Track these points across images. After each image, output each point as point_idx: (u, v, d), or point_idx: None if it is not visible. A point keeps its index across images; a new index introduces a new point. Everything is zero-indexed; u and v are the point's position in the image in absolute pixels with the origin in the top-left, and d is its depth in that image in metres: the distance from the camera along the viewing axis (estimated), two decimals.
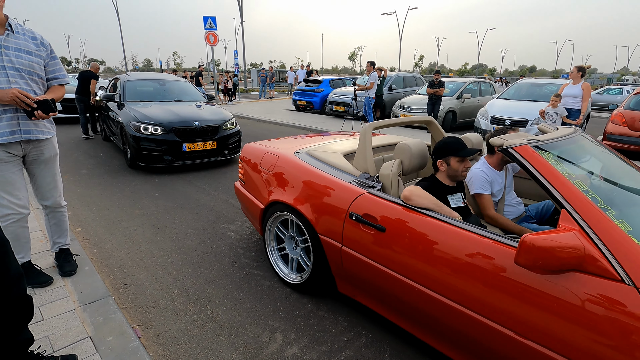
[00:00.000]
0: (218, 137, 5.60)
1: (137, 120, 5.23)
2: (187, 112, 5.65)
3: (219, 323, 2.23)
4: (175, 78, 7.17)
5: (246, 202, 2.93)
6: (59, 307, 2.18)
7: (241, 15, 21.25)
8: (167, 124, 5.23)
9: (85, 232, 3.41)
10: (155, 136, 5.12)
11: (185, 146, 5.27)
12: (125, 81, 6.45)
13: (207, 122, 5.52)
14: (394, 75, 12.56)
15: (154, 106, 5.79)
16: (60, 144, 7.23)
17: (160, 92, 6.60)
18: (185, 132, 5.30)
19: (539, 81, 9.27)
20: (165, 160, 5.22)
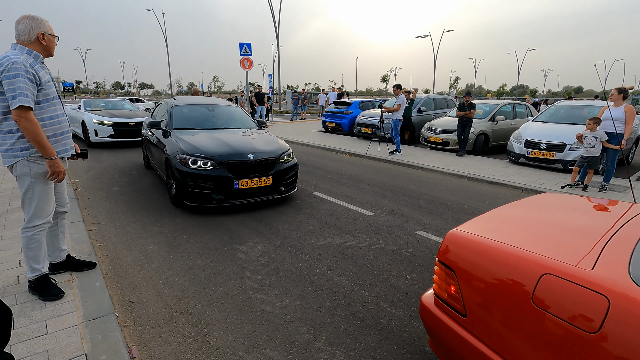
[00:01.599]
0: (274, 171, 4.78)
1: (185, 152, 4.55)
2: (240, 142, 4.93)
3: (213, 348, 2.20)
4: (225, 102, 6.61)
5: (462, 350, 1.60)
6: (64, 321, 2.26)
7: (277, 40, 22.23)
8: (218, 156, 4.49)
9: (105, 247, 3.56)
10: (204, 171, 4.40)
11: (238, 183, 4.48)
12: (173, 107, 5.86)
13: (262, 155, 4.73)
14: (423, 97, 12.40)
15: (202, 135, 5.13)
16: (101, 161, 7.76)
17: (209, 118, 5.98)
18: (238, 167, 4.54)
19: (579, 103, 8.74)
20: (214, 200, 4.48)
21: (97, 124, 9.57)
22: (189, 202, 4.52)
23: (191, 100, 6.39)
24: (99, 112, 10.18)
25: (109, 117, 9.77)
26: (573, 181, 6.11)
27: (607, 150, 5.88)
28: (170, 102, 6.03)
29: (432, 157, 8.95)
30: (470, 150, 9.55)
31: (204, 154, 4.52)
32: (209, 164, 4.45)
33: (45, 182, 2.44)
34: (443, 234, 4.13)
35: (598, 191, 5.88)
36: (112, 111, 10.50)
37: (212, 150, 4.59)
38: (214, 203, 4.51)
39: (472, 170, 7.43)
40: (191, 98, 6.66)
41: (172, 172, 4.72)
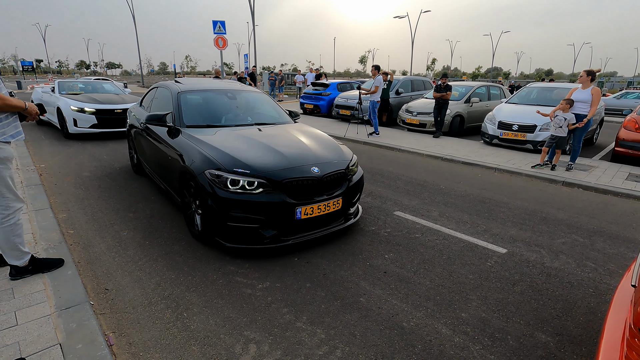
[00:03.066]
0: (344, 189, 3.34)
1: (218, 165, 3.03)
2: (293, 148, 3.43)
3: (193, 332, 2.19)
4: (244, 87, 5.04)
5: None
6: (35, 312, 2.18)
7: (253, 19, 21.46)
8: (270, 172, 3.02)
9: (76, 235, 3.43)
10: (251, 196, 2.92)
11: (301, 211, 3.04)
12: (180, 93, 4.18)
13: (329, 167, 3.30)
14: (401, 79, 12.43)
15: (231, 135, 3.62)
16: (69, 145, 7.38)
17: (231, 109, 4.42)
18: (300, 187, 3.07)
19: (549, 85, 9.02)
20: (265, 238, 3.04)
21: (76, 111, 7.83)
22: (228, 241, 3.06)
23: (201, 84, 4.72)
24: (78, 97, 8.37)
25: (90, 103, 8.03)
26: (542, 161, 6.36)
27: (575, 131, 6.13)
28: (174, 87, 4.38)
29: (409, 138, 9.06)
30: (447, 131, 9.73)
31: (250, 169, 3.00)
32: (256, 183, 2.94)
33: (9, 167, 2.34)
34: (420, 214, 4.23)
35: (565, 170, 6.16)
36: (93, 95, 8.75)
37: (260, 163, 3.08)
38: (265, 243, 3.04)
39: (448, 151, 7.59)
40: (200, 81, 5.02)
41: (197, 195, 3.17)
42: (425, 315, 2.42)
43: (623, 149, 6.85)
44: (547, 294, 2.72)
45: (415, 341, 2.17)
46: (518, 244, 3.53)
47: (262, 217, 2.96)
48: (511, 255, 3.30)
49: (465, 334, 2.24)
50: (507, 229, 3.89)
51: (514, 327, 2.32)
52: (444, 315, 2.42)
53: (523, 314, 2.46)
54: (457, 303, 2.56)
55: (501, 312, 2.48)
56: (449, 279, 2.87)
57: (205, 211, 3.08)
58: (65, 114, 7.88)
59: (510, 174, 6.21)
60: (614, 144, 7.31)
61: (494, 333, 2.27)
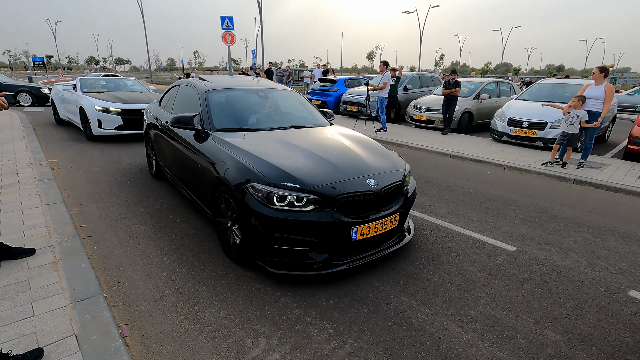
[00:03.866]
0: (401, 204, 2.97)
1: (261, 177, 2.63)
2: (342, 157, 3.02)
3: (204, 325, 2.22)
4: (276, 85, 4.58)
5: None
6: (51, 303, 2.23)
7: (260, 14, 21.44)
8: (322, 186, 2.60)
9: (88, 229, 3.49)
10: (300, 214, 2.52)
11: (357, 231, 2.65)
12: (208, 92, 3.78)
13: (385, 178, 2.89)
14: (409, 75, 12.34)
15: (270, 141, 3.23)
16: (79, 141, 7.48)
17: (263, 109, 4.03)
18: (357, 203, 2.67)
19: (561, 81, 8.88)
20: (315, 263, 2.63)
21: (101, 111, 7.16)
22: (272, 266, 2.65)
23: (228, 81, 4.27)
24: (102, 96, 7.66)
25: (115, 103, 7.34)
26: (553, 158, 6.28)
27: (586, 128, 6.03)
28: (200, 86, 3.91)
29: (417, 135, 9.01)
30: (455, 128, 9.65)
31: (300, 182, 2.58)
32: (305, 199, 2.53)
33: None
34: (428, 211, 4.22)
35: (576, 168, 6.08)
36: (118, 94, 8.03)
37: (310, 175, 2.66)
38: (316, 268, 2.63)
39: (456, 148, 7.54)
40: (225, 78, 4.52)
41: (235, 211, 2.78)
42: (433, 311, 2.42)
43: (636, 147, 6.73)
44: (557, 292, 2.70)
45: (424, 337, 2.18)
46: (527, 242, 3.50)
47: (313, 238, 2.55)
48: (520, 253, 3.28)
49: (474, 331, 2.25)
50: (517, 226, 3.87)
51: (523, 325, 2.32)
52: (452, 312, 2.42)
53: (532, 312, 2.45)
54: (465, 300, 2.56)
55: (510, 309, 2.47)
56: (457, 276, 2.86)
57: (246, 231, 2.66)
58: (89, 114, 7.19)
59: (519, 172, 6.15)
60: (626, 142, 7.19)
61: (503, 331, 2.26)
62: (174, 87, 4.67)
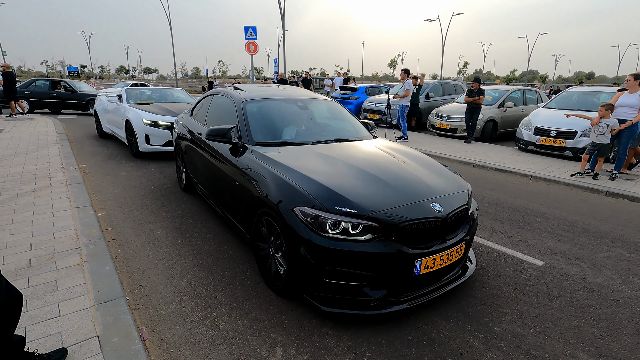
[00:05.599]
0: (467, 231, 2.59)
1: (310, 200, 2.31)
2: (397, 175, 2.68)
3: (222, 332, 2.23)
4: (314, 95, 4.32)
5: None
6: (76, 304, 2.30)
7: (283, 24, 21.85)
8: (384, 212, 2.27)
9: (113, 232, 3.60)
10: (359, 244, 2.18)
11: (422, 264, 2.30)
12: (245, 103, 3.53)
13: (452, 202, 2.53)
14: (431, 83, 12.20)
15: (313, 157, 2.92)
16: (108, 146, 7.78)
17: (304, 121, 3.74)
18: (420, 231, 2.32)
19: (591, 89, 8.54)
20: (372, 301, 2.27)
21: (149, 125, 6.42)
22: (323, 303, 2.29)
23: (264, 91, 4.00)
24: (149, 108, 6.97)
25: (164, 116, 6.55)
26: (583, 169, 6.02)
27: (620, 137, 5.76)
28: (236, 95, 3.70)
29: (439, 143, 8.86)
30: (478, 137, 9.44)
31: (356, 207, 2.24)
32: (361, 227, 2.20)
33: None
34: None
35: (608, 179, 5.79)
36: (165, 105, 7.25)
37: (367, 199, 2.32)
38: (372, 307, 2.26)
39: (479, 157, 7.35)
40: (260, 88, 4.24)
41: (279, 237, 2.49)
42: (455, 327, 2.34)
43: None
44: (589, 311, 2.55)
45: (445, 353, 2.10)
46: (556, 257, 3.34)
47: (371, 273, 2.20)
48: (549, 268, 3.13)
49: (498, 349, 2.15)
50: (544, 240, 3.70)
51: (552, 345, 2.20)
52: (475, 328, 2.32)
53: (562, 332, 2.32)
54: (489, 316, 2.46)
55: (538, 328, 2.35)
56: (480, 290, 2.76)
57: (293, 261, 2.34)
58: (136, 128, 6.47)
59: (547, 182, 5.91)
60: None
61: (529, 350, 2.15)
62: (207, 97, 4.49)
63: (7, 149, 6.73)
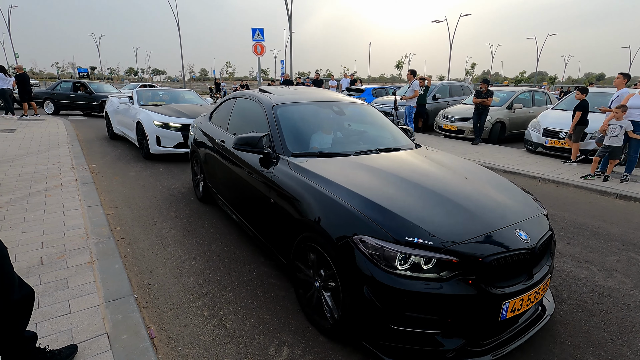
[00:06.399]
0: (551, 264, 2.20)
1: (372, 227, 1.90)
2: (466, 195, 2.27)
3: (229, 331, 2.24)
4: (347, 98, 3.92)
5: None
6: (86, 302, 2.33)
7: (290, 26, 21.93)
8: (462, 242, 1.85)
9: (122, 231, 3.64)
10: (432, 283, 1.77)
11: (509, 306, 1.87)
12: (276, 107, 3.14)
13: (536, 227, 2.15)
14: (438, 84, 12.15)
15: (363, 171, 2.49)
16: (114, 145, 7.88)
17: (341, 128, 3.42)
18: (506, 266, 1.90)
19: (601, 90, 8.43)
20: (448, 351, 1.85)
21: (160, 127, 6.39)
22: (388, 354, 1.89)
23: (296, 94, 3.58)
24: (160, 109, 6.92)
25: (175, 117, 6.53)
26: (593, 171, 5.94)
27: (631, 140, 5.67)
28: (265, 99, 3.30)
29: (446, 145, 8.81)
30: (486, 138, 9.37)
31: (430, 237, 1.83)
32: (434, 261, 1.80)
33: None
34: None
35: (619, 182, 5.71)
36: (176, 107, 7.20)
37: (440, 225, 1.92)
38: (448, 359, 1.85)
39: (487, 159, 7.30)
40: (291, 90, 3.81)
41: (332, 269, 2.06)
42: None
43: None
44: (600, 315, 2.52)
45: None
46: (565, 259, 3.31)
47: (447, 318, 1.79)
48: (558, 271, 3.09)
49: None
50: None
51: (561, 349, 2.17)
52: None
53: (572, 335, 2.30)
54: None
55: (547, 331, 2.33)
56: None
57: (351, 301, 1.92)
58: (147, 130, 6.44)
59: (556, 184, 5.85)
60: None
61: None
62: (229, 100, 4.12)
63: (20, 149, 6.85)
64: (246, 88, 29.16)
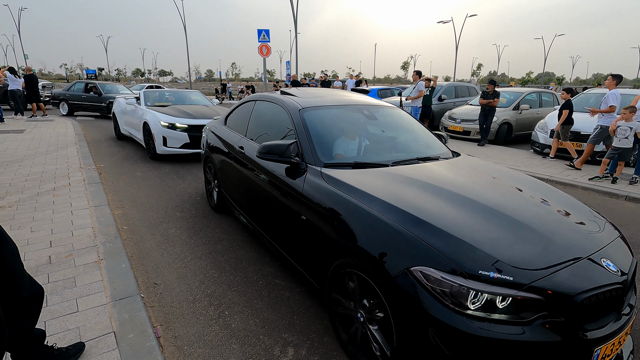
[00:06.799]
0: (635, 298, 1.82)
1: (431, 254, 1.56)
2: (539, 216, 1.91)
3: (234, 331, 2.25)
4: (378, 101, 3.62)
5: None
6: (93, 300, 2.36)
7: (295, 27, 21.98)
8: (545, 277, 1.48)
9: (129, 231, 3.67)
10: (512, 328, 1.41)
11: (600, 353, 1.50)
12: (303, 111, 2.82)
13: (622, 257, 1.79)
14: (444, 85, 12.11)
15: (408, 184, 2.16)
16: (124, 146, 7.95)
17: (375, 135, 3.09)
18: (596, 304, 1.53)
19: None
20: None
21: (166, 127, 6.46)
22: None
23: (321, 97, 3.26)
24: (166, 110, 7.00)
25: (181, 118, 6.61)
26: (602, 173, 5.87)
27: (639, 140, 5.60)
28: (290, 102, 2.99)
29: (452, 146, 8.75)
30: (493, 139, 9.31)
31: (510, 271, 1.49)
32: (509, 300, 1.45)
33: None
34: None
35: (628, 184, 5.64)
36: (183, 107, 7.26)
37: (519, 257, 1.57)
38: None
39: (493, 160, 7.25)
40: (314, 92, 3.50)
41: (385, 306, 1.71)
42: None
43: None
44: None
45: None
46: None
47: None
48: None
49: None
50: None
51: None
52: None
53: None
54: None
55: None
56: None
57: (411, 347, 1.60)
58: (154, 130, 6.51)
59: (563, 186, 5.79)
60: None
61: None
62: (247, 103, 3.81)
63: (29, 149, 6.94)
64: (252, 89, 29.28)
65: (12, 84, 11.27)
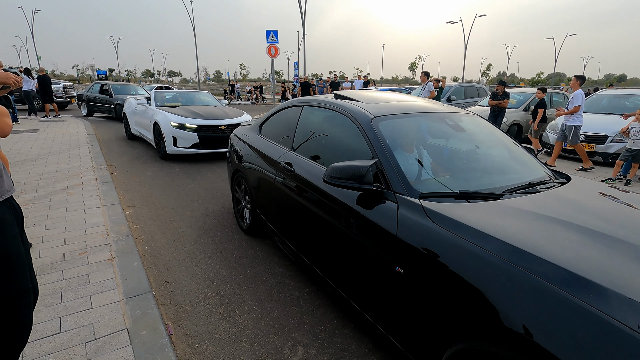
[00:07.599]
0: None
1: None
2: None
3: (244, 329, 2.27)
4: (458, 109, 2.85)
5: None
6: (107, 297, 2.40)
7: (303, 28, 22.04)
8: None
9: (140, 229, 3.72)
10: None
11: None
12: (376, 120, 2.23)
13: None
14: (453, 86, 12.02)
15: (543, 224, 1.53)
16: (134, 146, 8.06)
17: (468, 153, 2.44)
18: None
19: (622, 92, 8.20)
20: None
21: (176, 127, 6.56)
22: None
23: (389, 101, 2.64)
24: (176, 110, 7.08)
25: (191, 118, 6.71)
26: (615, 175, 5.78)
27: None
28: (356, 110, 2.38)
29: None
30: None
31: None
32: None
33: None
34: None
35: None
36: (193, 108, 7.35)
37: None
38: None
39: None
40: (376, 95, 2.87)
41: None
42: None
43: None
44: None
45: None
46: None
47: None
48: None
49: None
50: None
51: None
52: None
53: None
54: None
55: None
56: None
57: None
58: (164, 130, 6.60)
59: None
60: None
61: None
62: (290, 109, 3.18)
63: (42, 149, 7.08)
64: (260, 90, 29.43)
65: (26, 84, 11.50)
